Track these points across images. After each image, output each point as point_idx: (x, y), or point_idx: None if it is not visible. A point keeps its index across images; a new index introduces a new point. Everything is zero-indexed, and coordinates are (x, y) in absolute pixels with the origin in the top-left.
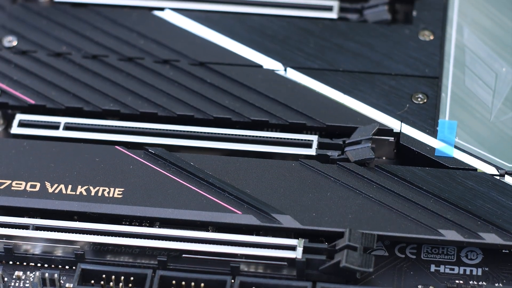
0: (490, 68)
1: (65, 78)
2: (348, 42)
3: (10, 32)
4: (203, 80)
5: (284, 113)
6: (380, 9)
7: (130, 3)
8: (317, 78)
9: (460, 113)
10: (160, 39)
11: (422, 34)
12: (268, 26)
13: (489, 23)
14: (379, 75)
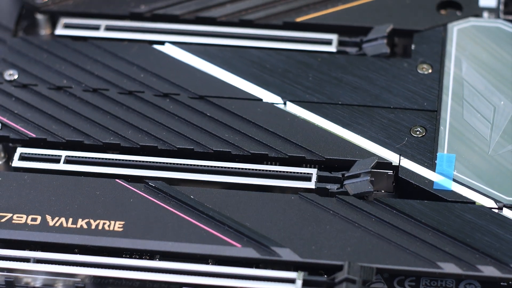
0: (488, 101)
1: (66, 112)
2: (347, 76)
3: (11, 65)
4: (203, 114)
5: (284, 146)
6: (379, 43)
7: (130, 37)
8: (316, 111)
9: (458, 146)
10: (160, 72)
11: (420, 68)
12: (267, 60)
13: (487, 57)
14: (378, 109)
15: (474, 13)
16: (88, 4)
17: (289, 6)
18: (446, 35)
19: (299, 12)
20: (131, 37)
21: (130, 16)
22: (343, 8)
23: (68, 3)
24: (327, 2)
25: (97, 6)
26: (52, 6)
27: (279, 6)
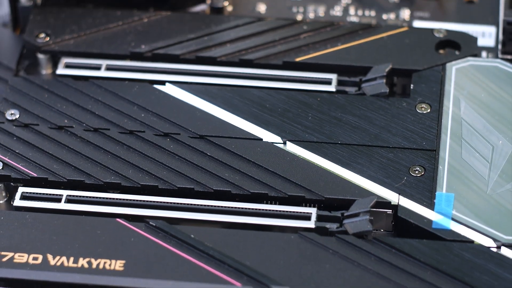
0: (486, 140)
1: (67, 151)
2: (346, 115)
3: (13, 105)
4: (203, 153)
5: (283, 185)
6: (378, 82)
7: (131, 77)
8: (316, 151)
9: (457, 185)
10: (161, 112)
11: (419, 107)
12: (267, 99)
13: (486, 96)
14: (377, 148)
15: (473, 52)
16: (89, 44)
17: (288, 46)
18: (445, 75)
19: (299, 52)
20: (132, 76)
21: (131, 56)
22: (342, 48)
23: (69, 43)
24: (327, 42)
25: (98, 46)
26: (53, 46)
27: (278, 46)
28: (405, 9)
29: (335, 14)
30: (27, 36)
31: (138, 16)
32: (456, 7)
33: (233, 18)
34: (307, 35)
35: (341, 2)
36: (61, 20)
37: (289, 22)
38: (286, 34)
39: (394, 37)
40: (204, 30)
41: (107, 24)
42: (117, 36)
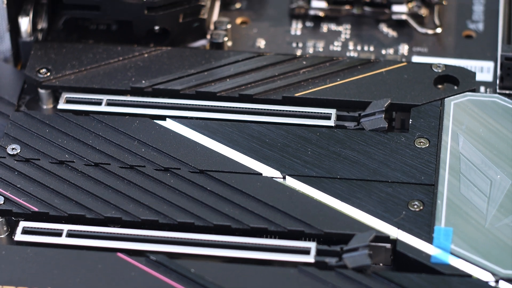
0: (485, 175)
1: (68, 186)
2: (345, 150)
3: (14, 140)
4: (203, 188)
5: (283, 220)
6: (377, 117)
7: (131, 111)
8: (315, 185)
9: (455, 219)
10: (161, 147)
11: (418, 142)
12: (266, 134)
13: (484, 131)
14: (376, 183)
15: (471, 87)
16: (90, 79)
17: (288, 81)
18: (443, 110)
19: (298, 87)
20: (132, 111)
21: (132, 91)
22: (341, 83)
23: (70, 78)
24: (326, 77)
25: (98, 81)
26: (54, 81)
27: (278, 81)
28: (404, 44)
29: (334, 49)
30: (28, 71)
31: (139, 52)
32: (454, 42)
33: (233, 53)
34: (306, 70)
35: (340, 37)
36: (62, 56)
37: (289, 57)
38: (285, 69)
39: (393, 72)
40: (204, 65)
41: (107, 60)
42: (117, 71)
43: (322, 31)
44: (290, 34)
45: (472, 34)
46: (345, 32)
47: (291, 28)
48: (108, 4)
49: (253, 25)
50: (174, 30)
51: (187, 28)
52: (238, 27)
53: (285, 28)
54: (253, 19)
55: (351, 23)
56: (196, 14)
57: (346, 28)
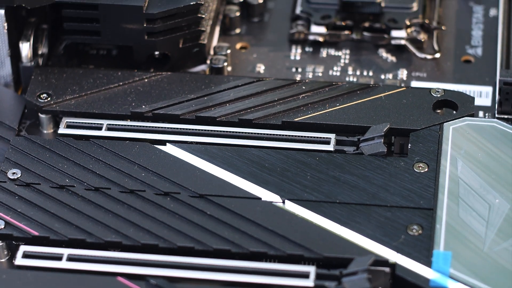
0: (483, 199)
1: (68, 210)
2: (344, 175)
3: (14, 164)
4: (203, 212)
5: (282, 244)
6: (376, 142)
7: (131, 136)
8: (314, 210)
9: (454, 243)
10: (161, 171)
11: (417, 166)
12: (266, 159)
13: (483, 156)
14: (375, 207)
15: (470, 112)
16: (90, 104)
17: (287, 106)
18: (442, 134)
19: (298, 112)
20: (132, 136)
21: (132, 115)
22: (341, 108)
23: (70, 103)
24: (325, 102)
25: (99, 106)
26: (54, 106)
27: (278, 106)
28: (403, 69)
29: (334, 74)
30: (28, 96)
31: (139, 77)
32: (453, 67)
33: (233, 78)
34: (306, 95)
35: (340, 62)
36: (63, 81)
37: (288, 82)
38: (285, 94)
39: (392, 97)
40: (204, 90)
41: (108, 84)
42: (118, 96)
43: (322, 56)
44: (290, 59)
45: (471, 59)
46: (344, 57)
47: (291, 53)
48: (109, 29)
49: (253, 50)
50: (174, 55)
51: (187, 53)
52: (237, 52)
53: (284, 53)
54: (252, 44)
55: (350, 48)
56: (196, 39)
57: (345, 53)
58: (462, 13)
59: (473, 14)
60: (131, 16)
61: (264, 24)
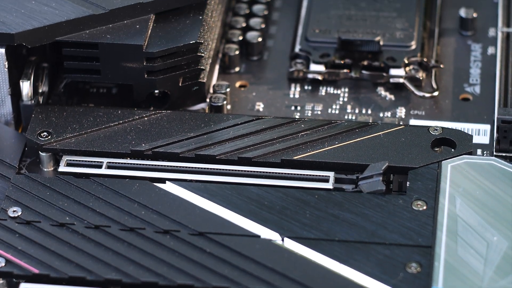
0: (481, 237)
1: (68, 248)
2: (343, 213)
3: (15, 202)
4: (203, 250)
5: (282, 282)
6: (375, 180)
7: (131, 174)
8: (313, 247)
9: (453, 281)
10: (161, 209)
11: (415, 204)
12: (265, 197)
13: (481, 193)
14: (373, 245)
15: (468, 150)
16: (90, 142)
17: (287, 144)
18: (441, 172)
19: (297, 150)
20: (132, 174)
21: (132, 154)
22: (339, 146)
23: (70, 141)
24: (324, 140)
25: (99, 144)
26: (54, 144)
27: (277, 144)
28: (401, 107)
29: (333, 112)
30: (29, 134)
31: (139, 115)
32: (451, 105)
33: (232, 116)
34: (305, 133)
35: (339, 100)
36: (63, 119)
37: (287, 120)
38: (284, 132)
39: (390, 135)
40: (204, 129)
41: (108, 123)
42: (118, 134)
43: (321, 94)
44: (289, 97)
45: (469, 97)
46: (343, 95)
47: (290, 91)
48: (109, 68)
49: (252, 88)
50: (174, 94)
51: (187, 92)
52: (237, 90)
53: (283, 91)
54: (252, 82)
55: (349, 86)
56: (196, 78)
57: (344, 91)
58: (461, 51)
59: (471, 52)
60: (131, 55)
61: (263, 63)
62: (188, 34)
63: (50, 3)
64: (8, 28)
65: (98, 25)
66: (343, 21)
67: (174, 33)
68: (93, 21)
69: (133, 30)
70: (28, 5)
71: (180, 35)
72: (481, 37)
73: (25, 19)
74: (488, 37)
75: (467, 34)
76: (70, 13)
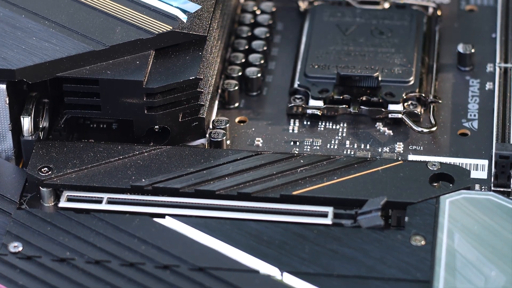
0: (480, 272)
1: (69, 283)
2: (342, 248)
3: (16, 237)
4: (202, 285)
5: None
6: (373, 215)
7: (131, 210)
8: (312, 282)
9: None
10: (161, 244)
11: (414, 239)
12: (264, 232)
13: (479, 228)
14: (372, 279)
15: (466, 185)
16: (91, 178)
17: (286, 180)
18: (439, 207)
19: (296, 185)
20: (132, 210)
21: (132, 189)
22: (338, 181)
23: (71, 177)
24: (323, 175)
25: (99, 180)
26: (55, 180)
27: (276, 180)
28: (400, 143)
29: (332, 147)
30: (30, 170)
31: (139, 150)
32: (449, 140)
33: (232, 152)
34: (304, 168)
35: (338, 136)
36: (63, 154)
37: (286, 155)
38: (283, 167)
39: (389, 170)
40: (203, 164)
41: (108, 158)
42: (118, 169)
43: (320, 130)
44: (288, 133)
45: (467, 132)
46: (342, 130)
47: (289, 127)
48: (109, 103)
49: (251, 124)
50: (173, 129)
51: (187, 127)
52: (236, 126)
53: (282, 127)
54: (251, 118)
55: (348, 121)
56: (195, 113)
57: (343, 127)
58: (459, 86)
59: (470, 88)
60: (131, 91)
61: (263, 98)
62: (188, 70)
63: (50, 39)
64: (9, 64)
65: (98, 61)
66: (341, 56)
67: (174, 69)
68: (93, 57)
69: (133, 66)
70: (29, 41)
71: (180, 71)
72: (479, 72)
73: (26, 55)
74: (486, 73)
75: (465, 70)
76: (70, 49)
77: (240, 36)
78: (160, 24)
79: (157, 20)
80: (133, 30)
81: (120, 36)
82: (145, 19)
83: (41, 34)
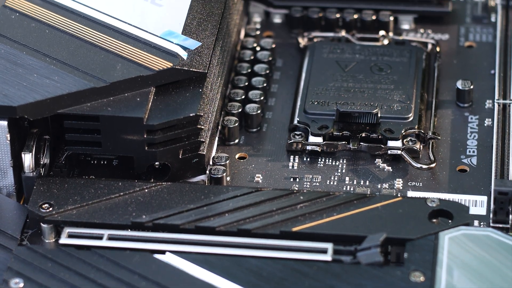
0: None
1: None
2: (341, 284)
3: (17, 274)
4: None
5: None
6: (373, 252)
7: (132, 246)
8: None
9: None
10: (161, 281)
11: (413, 276)
12: (264, 268)
13: (478, 264)
14: None
15: (465, 221)
16: (91, 214)
17: (285, 216)
18: (438, 244)
19: (296, 222)
20: (133, 246)
21: (132, 225)
22: (338, 218)
23: (71, 213)
24: (323, 211)
25: (100, 216)
26: (56, 216)
27: (276, 216)
28: (399, 179)
29: (331, 184)
30: (31, 206)
31: (139, 187)
32: (448, 176)
33: (232, 188)
34: (303, 205)
35: (337, 172)
36: (64, 191)
37: (286, 192)
38: (283, 204)
39: (388, 206)
40: (203, 200)
41: (108, 195)
42: (118, 206)
43: (319, 166)
44: (288, 169)
45: (466, 169)
46: (341, 166)
47: (289, 163)
48: (110, 140)
49: (251, 160)
50: (174, 166)
51: (187, 163)
52: (236, 162)
53: (282, 163)
54: (251, 154)
55: (347, 158)
56: (196, 150)
57: (342, 163)
58: (458, 122)
59: (469, 124)
60: (132, 127)
61: (263, 134)
62: (188, 107)
63: (51, 76)
64: (10, 101)
65: (99, 97)
66: (341, 93)
67: (174, 105)
68: (94, 94)
69: (133, 103)
70: (30, 78)
71: (180, 108)
72: (478, 108)
73: (27, 92)
74: (485, 109)
75: (464, 106)
76: (71, 86)
77: (240, 73)
78: (161, 61)
79: (158, 57)
80: (134, 67)
81: (120, 73)
82: (145, 56)
83: (42, 70)
